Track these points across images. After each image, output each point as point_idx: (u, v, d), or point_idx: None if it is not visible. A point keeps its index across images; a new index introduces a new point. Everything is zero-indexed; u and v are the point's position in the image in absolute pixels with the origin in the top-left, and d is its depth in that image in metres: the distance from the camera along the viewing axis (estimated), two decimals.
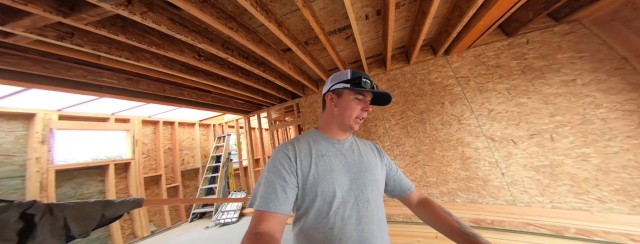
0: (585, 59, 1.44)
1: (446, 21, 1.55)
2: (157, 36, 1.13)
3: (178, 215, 3.25)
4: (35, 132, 2.13)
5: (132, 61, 1.20)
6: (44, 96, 1.92)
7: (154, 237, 2.71)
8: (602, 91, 1.37)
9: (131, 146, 2.89)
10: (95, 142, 2.70)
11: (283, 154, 0.48)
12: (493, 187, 1.57)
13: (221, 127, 4.37)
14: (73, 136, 2.49)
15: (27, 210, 1.01)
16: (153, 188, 3.06)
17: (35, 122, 2.16)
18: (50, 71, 1.23)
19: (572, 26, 1.50)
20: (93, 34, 1.03)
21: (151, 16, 0.87)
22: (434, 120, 1.87)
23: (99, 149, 2.71)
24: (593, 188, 1.30)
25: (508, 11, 1.27)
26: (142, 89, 1.71)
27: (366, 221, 0.44)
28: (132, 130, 2.94)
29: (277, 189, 0.43)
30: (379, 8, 1.33)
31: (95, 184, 2.52)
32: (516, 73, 1.64)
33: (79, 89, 1.47)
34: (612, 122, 1.31)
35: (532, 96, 1.56)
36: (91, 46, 1.01)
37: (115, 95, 1.68)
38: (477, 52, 1.81)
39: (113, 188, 2.56)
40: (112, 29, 0.93)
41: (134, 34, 1.01)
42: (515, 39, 1.68)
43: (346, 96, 0.53)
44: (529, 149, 1.50)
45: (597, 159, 1.32)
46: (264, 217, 0.40)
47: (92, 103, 2.29)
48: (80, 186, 2.40)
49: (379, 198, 0.50)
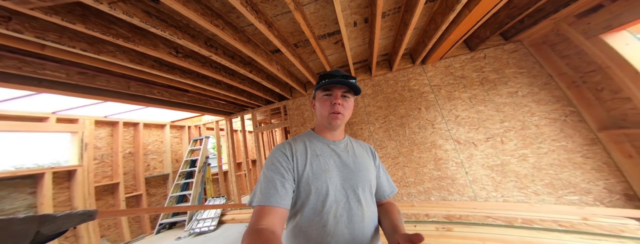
0: (524, 75, 1.77)
1: (424, 33, 1.72)
2: (126, 28, 0.99)
3: (141, 227, 2.82)
4: None
5: (90, 54, 1.01)
6: None
7: None
8: (535, 102, 1.71)
9: (78, 150, 2.41)
10: (27, 147, 2.19)
11: (280, 153, 0.50)
12: (459, 185, 1.81)
13: (198, 129, 3.98)
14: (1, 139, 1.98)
15: None
16: (107, 198, 2.61)
17: None
18: None
19: (516, 46, 1.83)
20: (39, 20, 0.84)
21: (122, 7, 0.76)
22: (413, 124, 2.06)
23: (31, 155, 2.20)
24: (530, 183, 1.61)
25: (472, 28, 1.48)
26: (99, 85, 1.45)
27: (357, 220, 0.46)
28: (80, 132, 2.46)
29: (276, 184, 0.44)
30: (366, 16, 1.41)
31: (23, 197, 2.03)
32: (476, 84, 1.92)
33: (10, 82, 1.16)
34: (543, 128, 1.65)
35: (488, 105, 1.85)
36: (34, 34, 0.82)
37: (62, 91, 1.39)
38: (447, 63, 2.06)
39: (49, 201, 2.09)
40: (68, 16, 0.77)
41: (96, 24, 0.86)
42: (476, 53, 1.96)
43: (317, 95, 0.56)
44: (485, 150, 1.78)
45: (533, 159, 1.64)
46: (265, 212, 0.40)
47: (27, 99, 1.84)
48: (0, 200, 1.91)
49: (370, 199, 0.51)
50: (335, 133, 0.58)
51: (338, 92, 0.53)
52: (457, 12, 1.20)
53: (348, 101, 0.54)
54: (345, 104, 0.54)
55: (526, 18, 1.54)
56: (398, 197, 1.99)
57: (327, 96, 0.53)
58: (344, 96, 0.54)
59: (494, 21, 1.62)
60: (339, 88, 0.53)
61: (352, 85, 0.52)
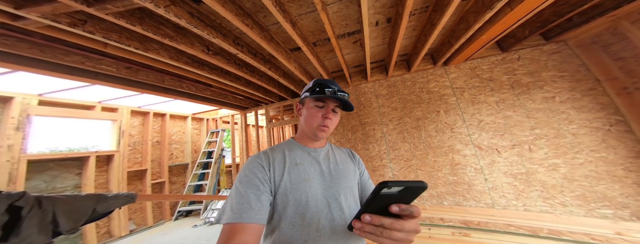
0: (565, 79, 1.62)
1: (450, 33, 1.64)
2: (171, 28, 1.10)
3: (161, 213, 3.07)
4: (11, 118, 1.94)
5: (140, 51, 1.15)
6: (25, 79, 1.75)
7: (132, 236, 2.50)
8: (575, 109, 1.55)
9: (116, 137, 2.70)
10: (76, 132, 2.51)
11: (256, 163, 0.47)
12: (477, 191, 1.74)
13: (215, 122, 4.24)
14: (52, 124, 2.30)
15: (15, 202, 0.91)
16: (136, 183, 2.86)
17: (12, 106, 1.97)
18: (48, 55, 1.15)
19: (559, 46, 1.66)
20: (107, 22, 0.98)
21: (174, 10, 0.86)
22: (429, 127, 1.99)
23: (79, 139, 2.52)
24: (558, 193, 1.50)
25: (510, 27, 1.36)
26: (140, 78, 1.63)
27: (340, 230, 0.43)
28: (119, 120, 2.75)
29: (250, 199, 0.40)
30: (390, 16, 1.38)
31: (72, 178, 2.30)
32: (506, 87, 1.79)
33: (73, 74, 1.37)
34: (581, 137, 1.51)
35: (517, 110, 1.72)
36: (102, 34, 0.97)
37: (111, 83, 1.59)
38: (474, 65, 1.94)
39: (91, 182, 2.35)
40: (131, 19, 0.90)
41: (149, 25, 0.98)
42: (508, 54, 1.82)
43: (308, 104, 0.53)
44: (510, 158, 1.68)
45: (565, 169, 1.51)
46: (236, 230, 0.36)
47: (78, 90, 2.13)
48: (53, 179, 2.18)
49: (353, 205, 0.49)
50: (316, 142, 0.56)
51: (331, 106, 0.52)
52: (495, 11, 1.12)
53: (336, 116, 0.54)
54: (334, 118, 0.53)
55: (576, 16, 1.38)
56: None
57: (319, 107, 0.51)
58: (334, 111, 0.52)
59: (536, 20, 1.48)
60: (332, 101, 0.52)
61: (345, 102, 0.51)
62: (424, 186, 0.28)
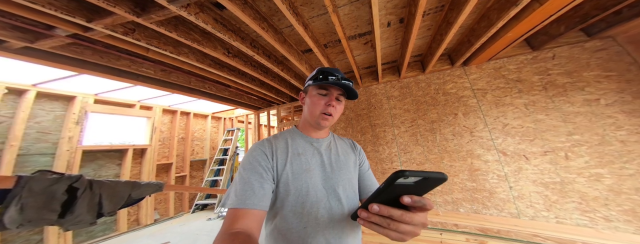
0: (612, 79, 1.41)
1: (470, 32, 1.55)
2: (199, 33, 1.25)
3: (181, 205, 3.30)
4: (72, 113, 2.33)
5: (173, 55, 1.33)
6: (84, 80, 2.11)
7: (156, 225, 2.71)
8: (625, 113, 1.34)
9: (150, 132, 3.04)
10: (119, 127, 2.86)
11: (259, 151, 0.47)
12: (499, 199, 1.59)
13: (231, 121, 4.51)
14: (102, 119, 2.68)
15: (74, 183, 1.06)
16: (162, 175, 3.13)
17: (75, 104, 2.36)
18: (105, 60, 1.39)
19: (605, 43, 1.46)
20: (149, 30, 1.16)
21: (202, 16, 0.98)
22: (445, 130, 1.88)
23: (120, 133, 2.86)
24: (601, 206, 1.30)
25: (540, 24, 1.25)
26: (172, 80, 1.85)
27: (337, 219, 0.44)
28: (153, 117, 3.11)
29: (254, 185, 0.41)
30: (402, 16, 1.37)
31: (113, 167, 2.62)
32: (537, 89, 1.62)
33: (121, 76, 1.63)
34: (632, 145, 1.29)
35: (551, 113, 1.54)
36: (146, 41, 1.15)
37: (149, 84, 1.84)
38: (498, 65, 1.80)
39: (128, 172, 2.66)
40: (168, 27, 1.05)
41: (182, 32, 1.13)
42: (540, 53, 1.65)
43: (311, 92, 0.52)
44: (541, 165, 1.50)
45: (610, 180, 1.31)
46: (240, 215, 0.37)
47: (123, 90, 2.49)
48: (100, 167, 2.52)
49: (352, 196, 0.50)
50: (320, 131, 0.55)
51: (335, 94, 0.50)
52: (521, 7, 1.04)
53: (340, 104, 0.52)
54: (338, 106, 0.51)
55: (626, 8, 1.20)
56: None
57: (323, 95, 0.51)
58: (338, 99, 0.51)
59: (574, 14, 1.32)
60: (336, 89, 0.51)
61: (349, 88, 0.49)
62: (444, 178, 0.25)
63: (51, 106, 2.26)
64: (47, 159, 2.13)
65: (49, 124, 2.21)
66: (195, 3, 0.95)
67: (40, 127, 2.15)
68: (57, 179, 1.03)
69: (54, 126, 2.24)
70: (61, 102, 2.33)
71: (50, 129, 2.21)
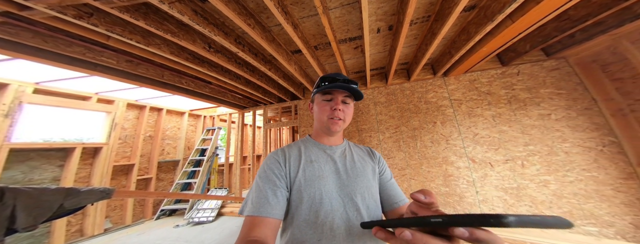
0: (562, 96, 1.63)
1: (451, 43, 1.65)
2: (174, 25, 1.11)
3: (143, 211, 2.90)
4: (2, 104, 1.90)
5: (141, 45, 1.16)
6: (23, 67, 1.73)
7: (106, 236, 2.29)
8: (570, 128, 1.57)
9: (108, 129, 2.63)
10: (67, 122, 2.42)
11: (273, 160, 0.48)
12: (467, 203, 1.74)
13: (212, 120, 4.19)
14: (42, 113, 2.24)
15: None
16: (121, 178, 2.72)
17: (6, 93, 1.93)
18: (50, 45, 1.15)
19: (559, 63, 1.67)
20: (112, 16, 0.99)
21: (178, 6, 0.87)
22: (425, 138, 2.00)
23: (67, 129, 2.41)
24: (546, 209, 1.51)
25: (510, 40, 1.37)
26: (140, 72, 1.62)
27: (356, 232, 0.41)
28: (113, 112, 2.70)
29: (267, 194, 0.41)
30: (392, 23, 1.40)
31: (52, 169, 2.15)
32: (503, 102, 1.80)
33: (73, 65, 1.36)
34: (574, 156, 1.52)
35: (513, 125, 1.73)
36: (106, 27, 0.97)
37: (110, 75, 1.58)
38: (473, 77, 1.96)
39: (72, 175, 2.22)
40: (135, 14, 0.91)
41: (153, 21, 0.99)
42: (508, 68, 1.83)
43: (317, 99, 0.53)
44: (502, 172, 1.68)
45: (555, 186, 1.52)
46: (256, 223, 0.38)
47: (76, 80, 2.11)
48: (32, 170, 2.04)
49: (373, 206, 0.46)
50: (332, 138, 0.55)
51: (339, 97, 0.50)
52: (496, 23, 1.13)
53: (348, 107, 0.51)
54: (346, 110, 0.50)
55: (579, 32, 1.39)
56: None
57: (328, 100, 0.51)
58: (344, 102, 0.51)
59: (538, 34, 1.48)
60: (340, 93, 0.50)
61: (353, 90, 0.49)
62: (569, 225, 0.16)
63: None
64: None
65: None
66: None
67: None
68: None
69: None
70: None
71: None
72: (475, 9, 1.26)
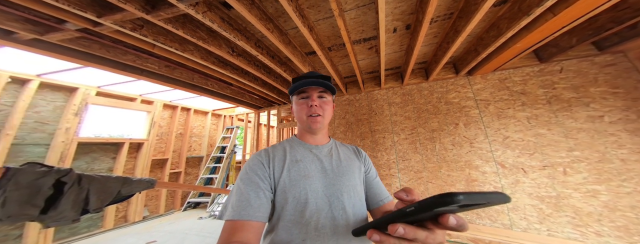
0: (618, 96, 1.39)
1: (478, 40, 1.52)
2: (205, 32, 1.25)
3: (173, 203, 3.21)
4: (73, 105, 2.32)
5: (178, 52, 1.33)
6: (88, 73, 2.11)
7: (144, 223, 2.60)
8: (628, 132, 1.33)
9: (148, 127, 3.01)
10: (117, 120, 2.83)
11: (256, 161, 0.46)
12: (493, 210, 1.59)
13: (231, 119, 4.50)
14: (102, 112, 2.67)
15: (62, 177, 0.99)
16: (157, 171, 3.06)
17: (76, 95, 2.35)
18: (111, 54, 1.40)
19: (616, 58, 1.43)
20: (157, 27, 1.17)
21: (209, 15, 0.98)
22: (445, 140, 1.88)
23: (118, 126, 2.82)
24: (594, 222, 1.31)
25: (551, 35, 1.21)
26: (175, 75, 1.85)
27: (342, 231, 0.40)
28: (153, 112, 3.08)
29: (249, 196, 0.40)
30: (409, 22, 1.35)
31: (107, 161, 2.55)
32: (541, 102, 1.60)
33: (126, 71, 1.64)
34: (632, 164, 1.29)
35: (553, 128, 1.53)
36: (152, 37, 1.16)
37: (153, 79, 1.84)
38: (503, 76, 1.78)
39: (122, 167, 2.59)
40: (175, 24, 1.06)
41: (189, 29, 1.14)
42: (548, 65, 1.62)
43: (294, 100, 0.53)
44: (538, 179, 1.50)
45: (606, 197, 1.31)
46: (237, 227, 0.36)
47: (126, 84, 2.49)
48: (94, 160, 2.44)
49: (358, 205, 0.46)
50: (317, 137, 0.54)
51: (314, 94, 0.50)
52: (533, 17, 1.01)
53: (325, 102, 0.50)
54: (323, 105, 0.50)
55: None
56: None
57: (303, 98, 0.50)
58: (320, 97, 0.50)
59: (588, 26, 1.28)
60: (314, 89, 0.50)
61: (327, 85, 0.49)
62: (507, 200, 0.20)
63: (53, 97, 2.26)
64: (41, 149, 2.10)
65: (48, 115, 2.19)
66: (203, 2, 0.95)
67: (38, 117, 2.13)
68: (45, 172, 0.97)
69: (53, 116, 2.22)
70: (63, 93, 2.33)
71: (48, 120, 2.18)
72: (508, 3, 1.14)
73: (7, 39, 1.15)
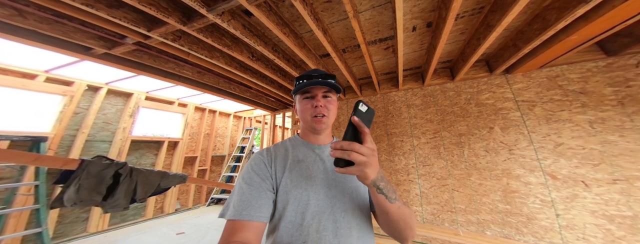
0: None
1: (518, 34, 1.33)
2: (229, 39, 1.39)
3: (199, 197, 3.53)
4: (129, 107, 2.80)
5: (207, 58, 1.49)
6: (139, 80, 2.52)
7: (176, 215, 2.90)
8: None
9: (183, 127, 3.41)
10: (159, 121, 3.28)
11: (258, 160, 0.46)
12: (539, 226, 1.33)
13: (250, 121, 4.80)
14: (148, 114, 3.14)
15: (119, 169, 1.18)
16: (188, 167, 3.43)
17: (131, 99, 2.83)
18: (157, 63, 1.66)
19: None
20: (191, 36, 1.35)
21: (233, 23, 1.09)
22: (476, 145, 1.66)
23: (159, 127, 3.25)
24: None
25: (620, 24, 0.97)
26: (204, 80, 2.08)
27: (344, 234, 0.39)
28: (186, 114, 3.50)
29: (251, 196, 0.39)
30: (430, 20, 1.26)
31: (151, 157, 2.97)
32: (610, 103, 1.30)
33: (167, 77, 1.92)
34: None
35: (628, 135, 1.22)
36: (188, 46, 1.33)
37: (187, 84, 2.11)
38: (554, 73, 1.51)
39: (162, 162, 2.99)
40: (205, 33, 1.21)
41: (216, 37, 1.28)
42: (619, 59, 1.33)
43: (298, 100, 0.51)
44: (605, 195, 1.21)
45: None
46: (238, 227, 0.36)
47: (166, 89, 2.89)
48: (141, 156, 2.89)
49: (362, 206, 0.44)
50: (320, 137, 0.52)
51: (319, 93, 0.48)
52: (594, 4, 0.84)
53: (330, 101, 0.49)
54: (328, 104, 0.48)
55: None
56: (439, 221, 1.68)
57: (308, 98, 0.49)
58: (325, 97, 0.49)
59: None
60: (319, 89, 0.48)
61: (332, 84, 0.47)
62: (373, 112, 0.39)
63: (115, 101, 2.76)
64: (105, 145, 2.57)
65: (111, 116, 2.68)
66: (228, 11, 1.06)
67: (105, 118, 2.62)
68: (108, 164, 1.17)
69: (115, 117, 2.71)
70: (122, 98, 2.83)
71: (112, 120, 2.67)
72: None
73: (87, 54, 1.46)
